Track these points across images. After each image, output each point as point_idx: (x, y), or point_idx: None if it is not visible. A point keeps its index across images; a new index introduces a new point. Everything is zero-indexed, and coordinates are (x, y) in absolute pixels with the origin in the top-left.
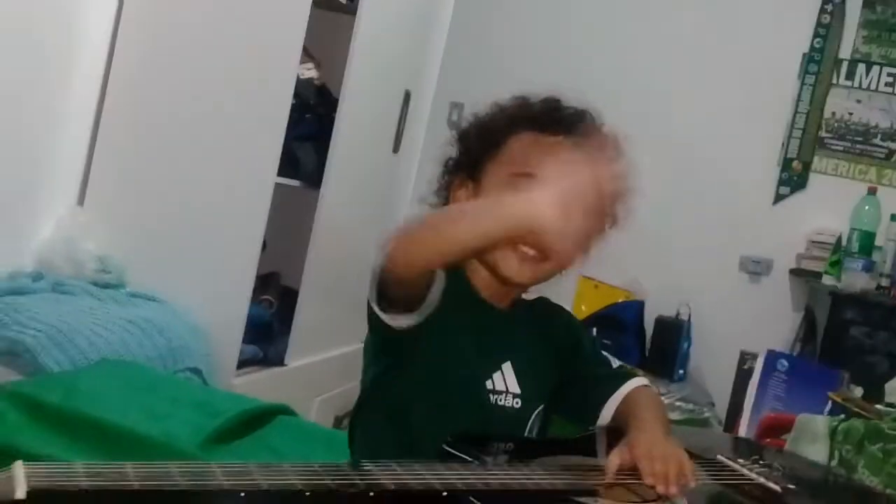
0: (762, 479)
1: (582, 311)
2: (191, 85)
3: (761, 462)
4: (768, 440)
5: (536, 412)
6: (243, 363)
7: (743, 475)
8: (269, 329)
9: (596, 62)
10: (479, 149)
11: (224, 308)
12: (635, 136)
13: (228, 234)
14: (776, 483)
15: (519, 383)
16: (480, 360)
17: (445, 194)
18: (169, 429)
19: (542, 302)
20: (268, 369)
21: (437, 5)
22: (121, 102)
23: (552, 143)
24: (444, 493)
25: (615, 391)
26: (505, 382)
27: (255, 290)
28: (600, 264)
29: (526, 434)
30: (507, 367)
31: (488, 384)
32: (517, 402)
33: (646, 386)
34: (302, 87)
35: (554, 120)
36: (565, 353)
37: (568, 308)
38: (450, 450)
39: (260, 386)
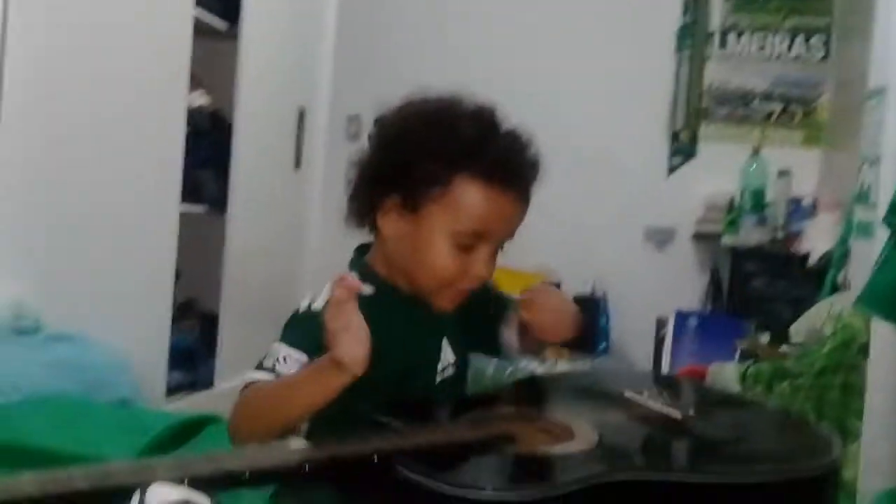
0: (665, 409)
1: None
2: (82, 120)
3: (667, 393)
4: None
5: (467, 368)
6: (172, 390)
7: (647, 406)
8: (193, 354)
9: (483, 52)
10: (420, 179)
11: (146, 338)
12: (530, 124)
13: (141, 265)
14: (678, 411)
15: (454, 351)
16: (426, 351)
17: (370, 214)
18: (102, 451)
19: None
20: (198, 393)
21: (319, 21)
22: (12, 146)
23: (498, 197)
24: (374, 458)
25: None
26: (446, 357)
27: (175, 318)
28: (512, 252)
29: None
30: (444, 342)
31: (439, 367)
32: (454, 369)
33: None
34: (195, 114)
35: (503, 172)
36: (476, 303)
37: None
38: (377, 417)
39: (191, 409)
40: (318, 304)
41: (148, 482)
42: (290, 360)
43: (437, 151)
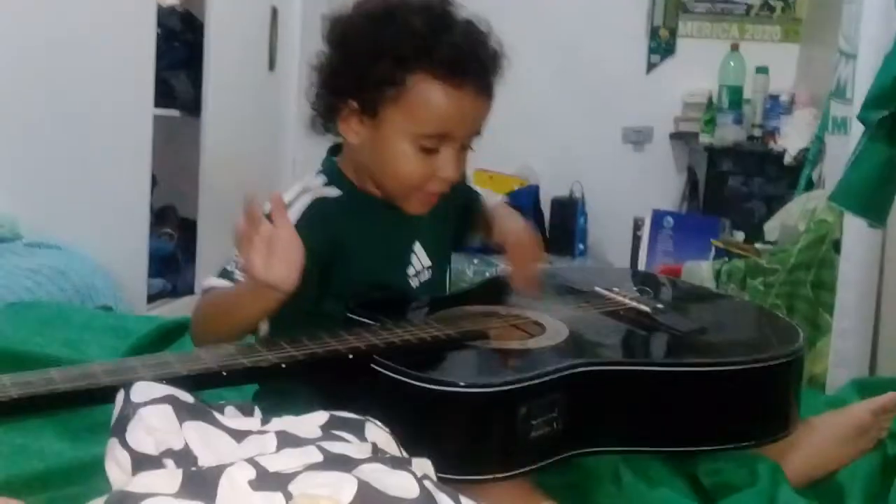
0: (634, 303)
1: None
2: (51, 25)
3: (637, 288)
4: None
5: (447, 270)
6: (153, 297)
7: (617, 301)
8: (173, 261)
9: None
10: (373, 80)
11: (124, 245)
12: (510, 26)
13: (116, 171)
14: (647, 305)
15: (429, 256)
16: (397, 254)
17: (332, 116)
18: (85, 354)
19: None
20: (179, 299)
21: None
22: None
23: (457, 93)
24: (350, 356)
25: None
26: (420, 261)
27: (153, 225)
28: (492, 155)
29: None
30: (417, 246)
31: (409, 270)
32: (430, 273)
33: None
34: (165, 15)
35: (460, 67)
36: (455, 207)
37: None
38: (352, 316)
39: (172, 314)
40: None
41: (131, 381)
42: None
43: (388, 50)
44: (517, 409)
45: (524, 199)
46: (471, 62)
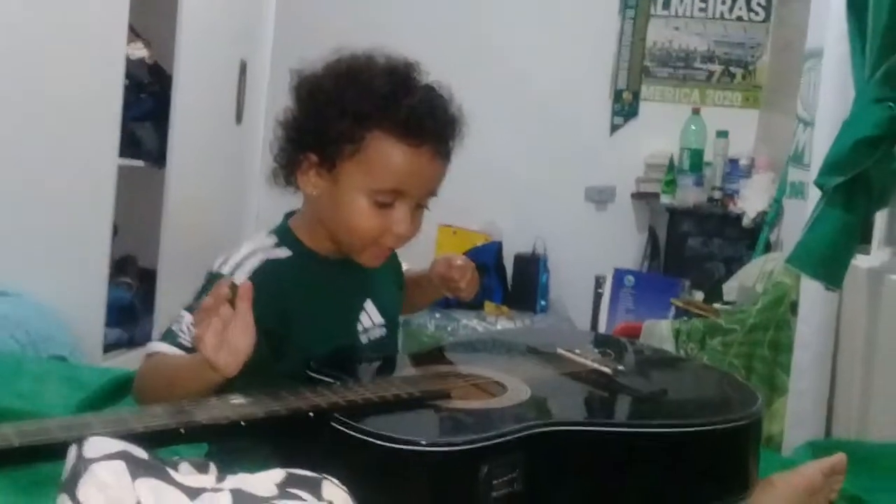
0: (596, 365)
1: None
2: (17, 73)
3: (599, 350)
4: None
5: (398, 329)
6: (110, 347)
7: (578, 363)
8: (131, 311)
9: (426, 9)
10: (333, 136)
11: (83, 294)
12: (478, 86)
13: (78, 220)
14: (608, 366)
15: (381, 313)
16: (346, 312)
17: (292, 168)
18: (39, 405)
19: None
20: (136, 350)
21: None
22: None
23: (413, 153)
24: (311, 414)
25: None
26: (371, 318)
27: (112, 274)
28: (456, 211)
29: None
30: (369, 303)
31: (359, 327)
32: (383, 331)
33: None
34: (134, 67)
35: (418, 128)
36: (396, 265)
37: (430, 256)
38: (313, 374)
39: (129, 367)
40: (226, 269)
41: (83, 437)
42: (191, 331)
43: (350, 108)
44: (478, 468)
45: (487, 255)
46: (429, 125)
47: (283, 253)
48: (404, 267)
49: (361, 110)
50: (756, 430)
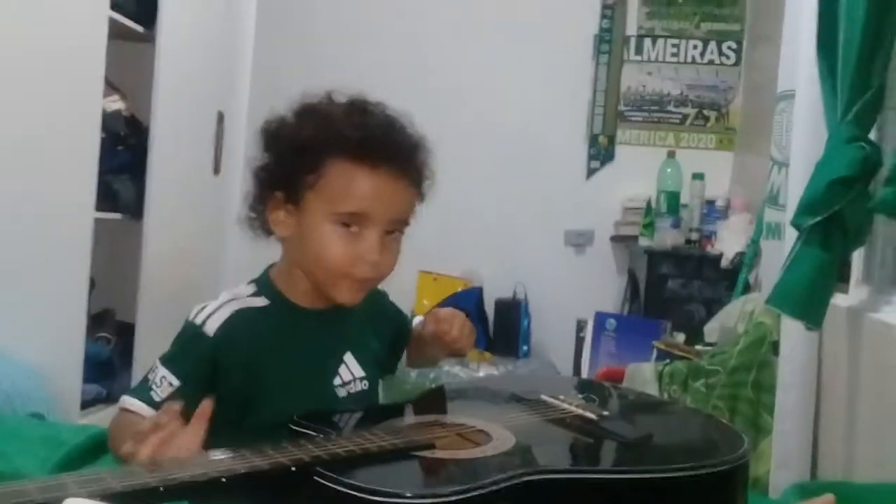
0: (580, 411)
1: (424, 304)
2: None
3: (583, 396)
4: None
5: (379, 383)
6: (88, 403)
7: (562, 409)
8: (109, 366)
9: (402, 57)
10: (295, 170)
11: (60, 349)
12: (454, 133)
13: (54, 274)
14: (592, 412)
15: (362, 367)
16: (321, 364)
17: (262, 211)
18: (15, 464)
19: None
20: (113, 406)
21: (237, 24)
22: None
23: (371, 174)
24: (293, 468)
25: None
26: (350, 372)
27: (90, 329)
28: (436, 258)
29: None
30: (349, 356)
31: (336, 381)
32: (365, 384)
33: None
34: (110, 119)
35: (372, 148)
36: (383, 319)
37: (410, 303)
38: (296, 428)
39: (106, 423)
40: (199, 319)
41: (60, 499)
42: (165, 384)
43: (309, 142)
44: None
45: (468, 301)
46: (385, 145)
47: (261, 302)
48: (415, 322)
49: (318, 139)
50: (743, 474)
